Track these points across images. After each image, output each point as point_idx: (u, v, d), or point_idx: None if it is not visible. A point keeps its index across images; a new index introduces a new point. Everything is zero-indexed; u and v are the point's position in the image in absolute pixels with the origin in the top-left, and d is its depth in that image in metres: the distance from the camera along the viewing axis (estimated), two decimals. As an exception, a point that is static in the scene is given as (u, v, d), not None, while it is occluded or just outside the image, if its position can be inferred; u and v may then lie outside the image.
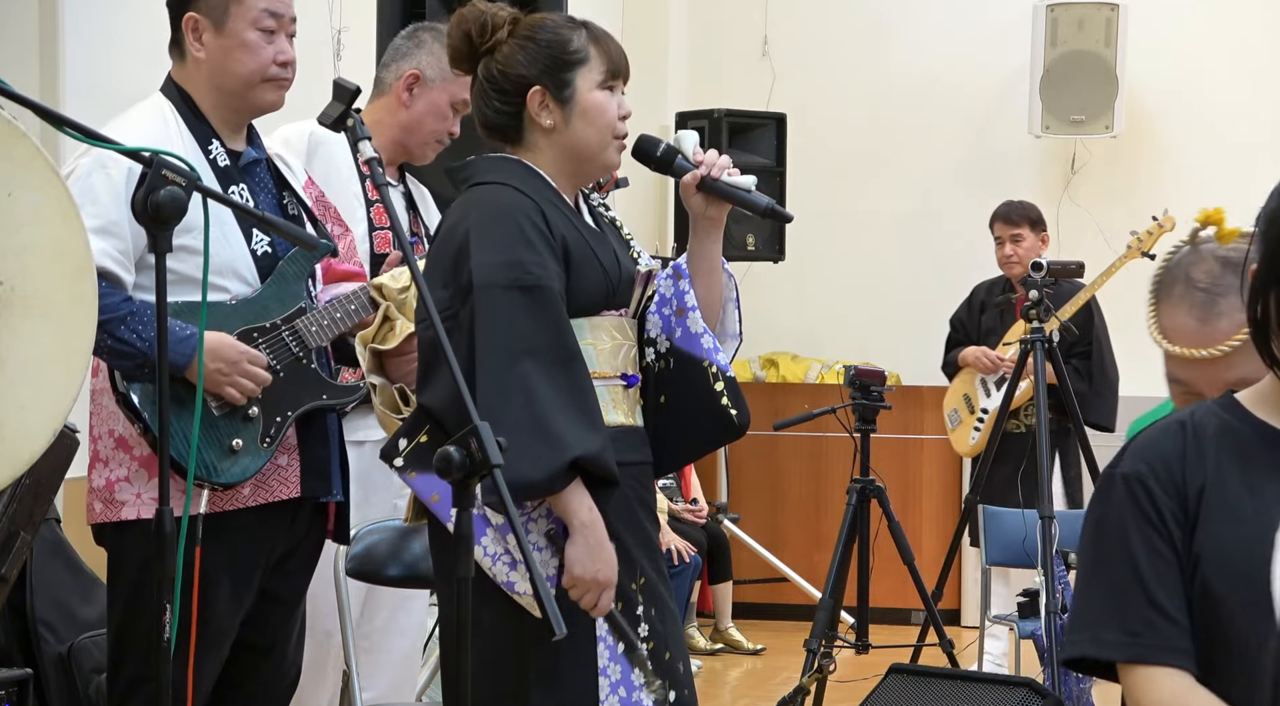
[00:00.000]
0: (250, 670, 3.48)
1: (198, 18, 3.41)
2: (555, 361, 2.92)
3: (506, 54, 3.06)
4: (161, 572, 2.79)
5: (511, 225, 2.96)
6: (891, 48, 8.92)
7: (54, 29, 4.97)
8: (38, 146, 2.63)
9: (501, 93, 3.06)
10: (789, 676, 6.81)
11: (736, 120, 8.26)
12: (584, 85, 3.05)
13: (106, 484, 3.35)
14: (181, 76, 3.47)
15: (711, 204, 3.14)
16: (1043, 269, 6.00)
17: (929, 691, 4.56)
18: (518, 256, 2.93)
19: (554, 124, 3.06)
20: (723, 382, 3.12)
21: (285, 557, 3.48)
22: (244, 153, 3.48)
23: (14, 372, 2.57)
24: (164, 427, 2.82)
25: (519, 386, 2.87)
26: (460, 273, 2.95)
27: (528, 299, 2.92)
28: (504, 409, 2.84)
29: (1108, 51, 8.43)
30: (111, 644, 3.42)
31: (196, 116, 3.43)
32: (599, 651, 2.97)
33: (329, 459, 3.50)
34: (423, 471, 2.93)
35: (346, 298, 3.49)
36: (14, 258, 2.56)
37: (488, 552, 2.92)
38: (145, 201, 2.77)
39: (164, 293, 2.81)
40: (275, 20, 3.43)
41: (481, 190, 3.05)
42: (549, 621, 2.42)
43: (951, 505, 8.23)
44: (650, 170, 3.24)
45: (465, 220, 2.99)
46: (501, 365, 2.88)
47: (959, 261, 8.16)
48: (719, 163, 3.14)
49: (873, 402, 5.51)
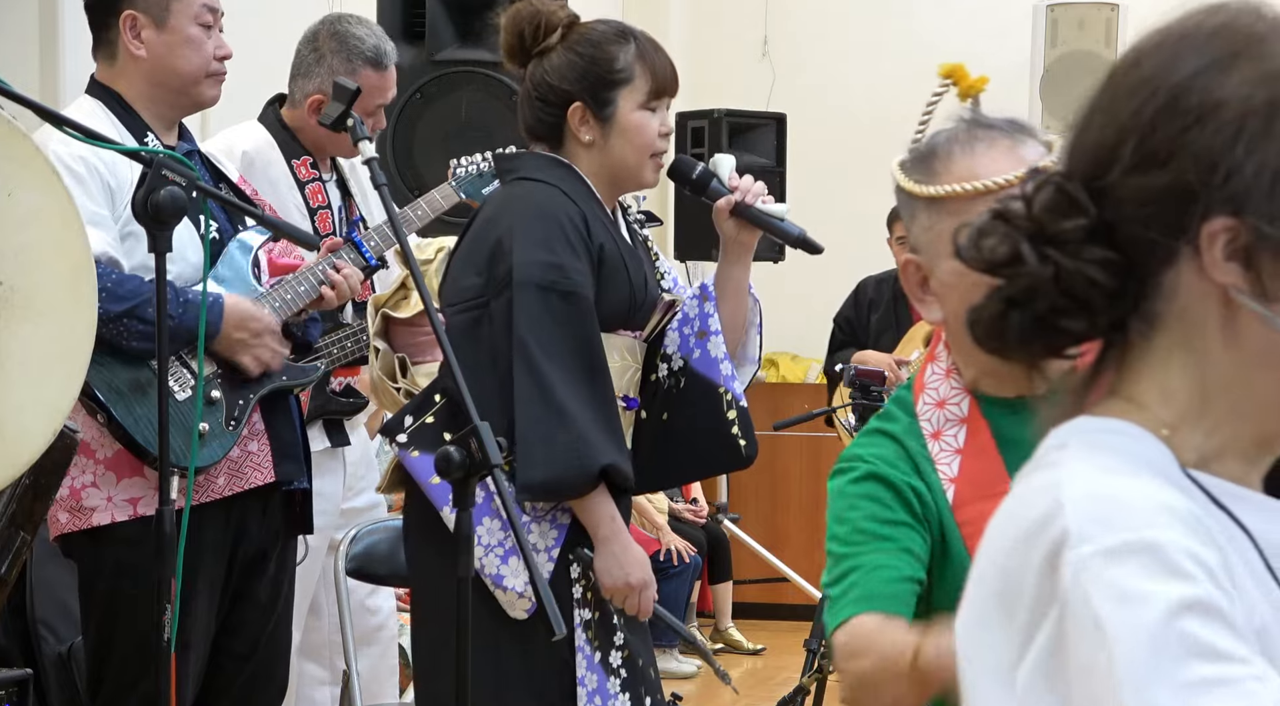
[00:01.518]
0: (235, 677, 3.45)
1: (137, 15, 3.39)
2: (586, 369, 2.93)
3: (554, 63, 3.06)
4: (161, 573, 2.78)
5: (555, 226, 2.97)
6: (891, 48, 8.92)
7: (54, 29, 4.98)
8: (38, 146, 2.63)
9: (544, 101, 3.07)
10: (789, 676, 6.81)
11: (736, 120, 8.25)
12: (626, 105, 3.06)
13: (71, 492, 3.28)
14: (109, 76, 3.44)
15: (743, 229, 3.15)
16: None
17: (929, 691, 4.56)
18: (559, 259, 2.94)
19: (593, 140, 3.07)
20: (735, 411, 3.12)
21: (261, 557, 3.44)
22: (178, 146, 3.46)
23: (14, 373, 2.57)
24: (164, 427, 2.82)
25: (551, 388, 2.88)
26: (497, 264, 2.95)
27: (564, 304, 2.93)
28: (537, 408, 2.87)
29: (1108, 51, 8.43)
30: (91, 653, 3.36)
31: (130, 113, 3.40)
32: (578, 660, 2.96)
33: (297, 441, 3.49)
34: (425, 451, 2.92)
35: (295, 279, 3.47)
36: (14, 258, 2.56)
37: (481, 542, 2.91)
38: (145, 201, 2.77)
39: (164, 292, 2.81)
40: (213, 15, 3.44)
41: (528, 186, 3.05)
42: (549, 622, 2.43)
43: (951, 505, 8.23)
44: (685, 192, 3.25)
45: (507, 213, 3.00)
46: (536, 365, 2.88)
47: (959, 261, 8.16)
48: (754, 189, 3.14)
49: (873, 402, 5.51)
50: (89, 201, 3.23)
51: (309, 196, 4.11)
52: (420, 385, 3.04)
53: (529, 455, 2.86)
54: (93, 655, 3.35)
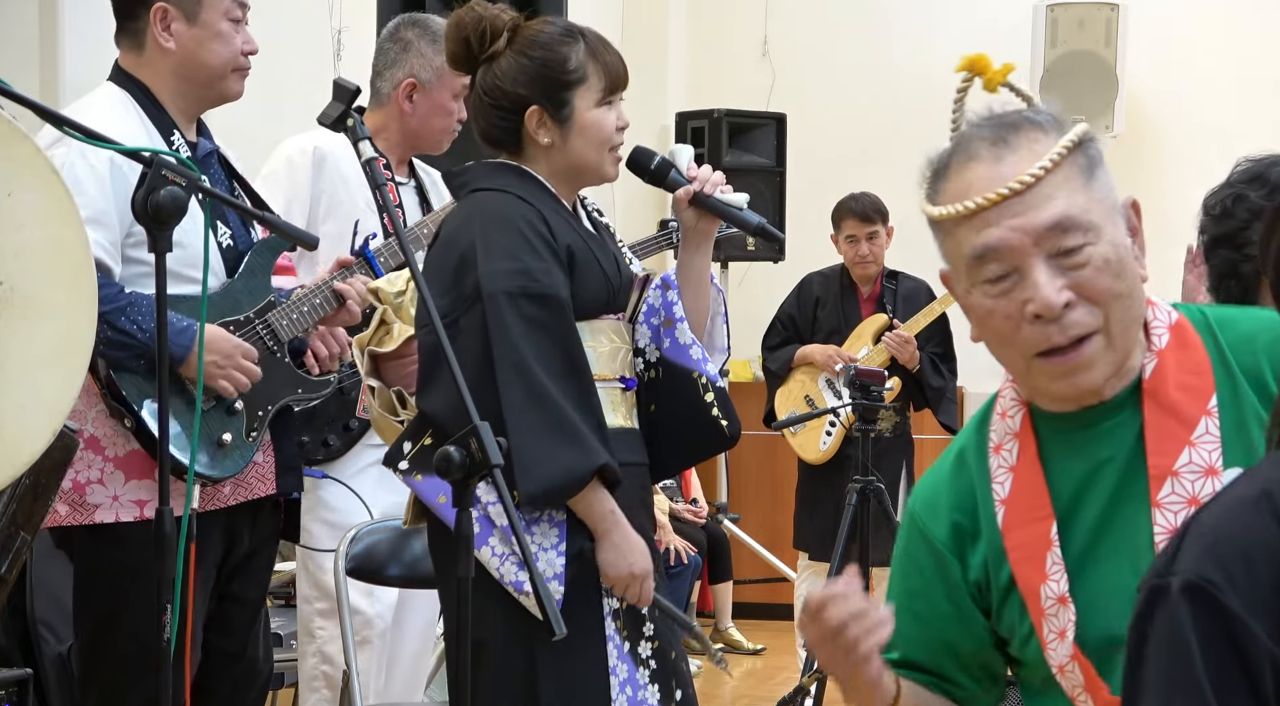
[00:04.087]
0: (222, 674, 3.46)
1: (168, 7, 3.40)
2: (568, 371, 2.93)
3: (505, 69, 3.04)
4: (162, 573, 2.78)
5: (516, 233, 2.96)
6: (891, 48, 8.92)
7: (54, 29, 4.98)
8: (38, 146, 2.63)
9: (499, 108, 3.06)
10: (789, 676, 6.82)
11: (736, 120, 8.25)
12: (582, 104, 3.05)
13: (74, 485, 3.28)
14: (135, 65, 3.44)
15: (702, 218, 3.17)
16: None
17: (929, 691, 4.55)
18: (525, 264, 2.94)
19: (552, 141, 3.06)
20: (712, 393, 3.13)
21: (247, 559, 3.47)
22: (200, 144, 3.47)
23: (14, 373, 2.57)
24: (164, 427, 2.82)
25: (539, 394, 2.88)
26: (464, 280, 2.95)
27: (537, 308, 2.92)
28: (530, 416, 2.87)
29: (1108, 51, 8.43)
30: (83, 654, 3.35)
31: (157, 108, 3.41)
32: (608, 650, 2.98)
33: (295, 455, 3.51)
34: (427, 474, 2.93)
35: (311, 292, 3.49)
36: (14, 258, 2.56)
37: (495, 552, 2.92)
38: (145, 201, 2.77)
39: (164, 292, 2.80)
40: (242, 10, 3.45)
41: (482, 197, 3.05)
42: (549, 622, 2.43)
43: (951, 505, 8.22)
44: (644, 182, 3.25)
45: (468, 227, 2.99)
46: (520, 373, 2.88)
47: (959, 261, 8.16)
48: (712, 179, 3.15)
49: (873, 402, 5.50)
50: (98, 199, 3.25)
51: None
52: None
53: (528, 466, 2.86)
54: (87, 654, 3.34)
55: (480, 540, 2.91)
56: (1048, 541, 1.89)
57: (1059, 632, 1.87)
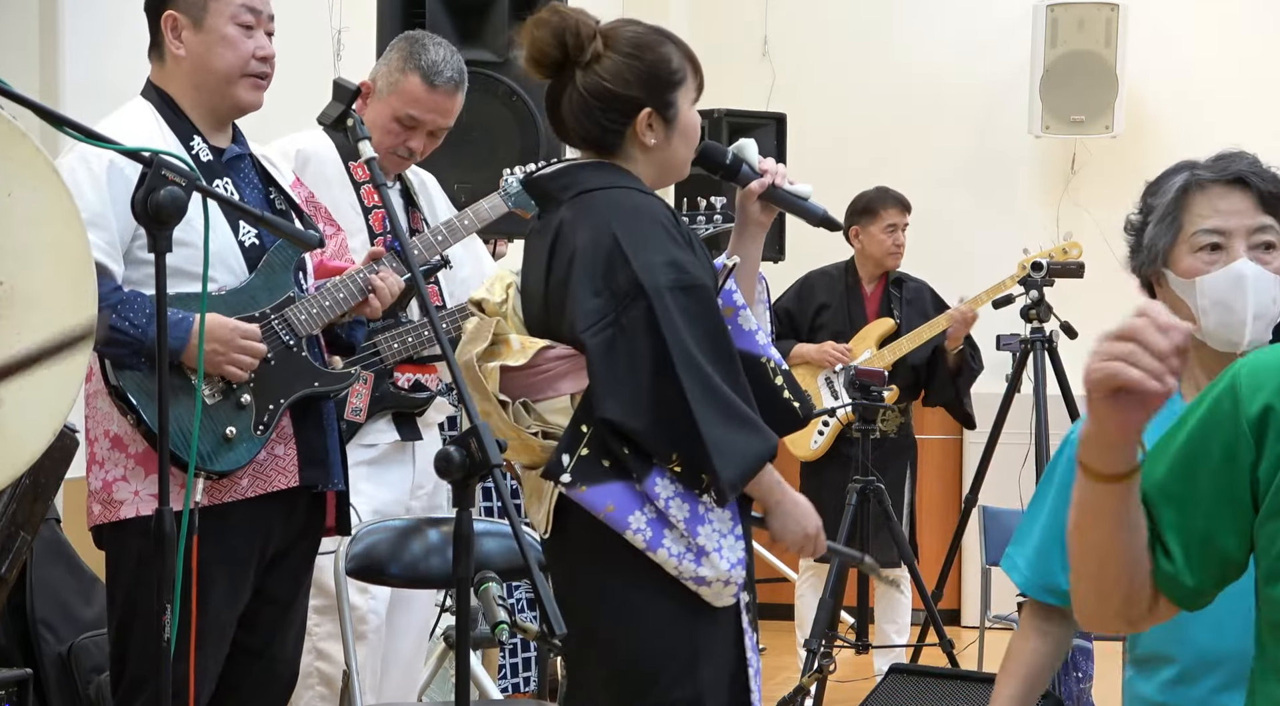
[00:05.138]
0: (244, 672, 3.46)
1: (177, 15, 3.43)
2: (727, 357, 2.97)
3: (612, 70, 3.03)
4: (161, 572, 2.78)
5: (656, 225, 2.98)
6: (891, 48, 8.92)
7: (54, 29, 4.98)
8: (38, 146, 2.63)
9: (608, 109, 3.04)
10: (789, 676, 6.82)
11: (736, 120, 8.25)
12: (684, 105, 3.10)
13: (104, 485, 3.35)
14: (161, 78, 3.48)
15: (765, 210, 3.24)
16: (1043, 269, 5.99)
17: (929, 691, 4.56)
18: (674, 256, 2.96)
19: (658, 142, 3.08)
20: (780, 377, 3.14)
21: (281, 555, 3.47)
22: (228, 148, 3.49)
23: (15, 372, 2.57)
24: (164, 425, 2.82)
25: (713, 385, 2.92)
26: (615, 277, 2.93)
27: (692, 299, 2.94)
28: (712, 407, 2.90)
29: (1108, 51, 8.43)
30: (113, 643, 3.41)
31: (178, 115, 3.44)
32: (745, 643, 3.11)
33: (326, 447, 3.49)
34: (592, 484, 2.93)
35: (335, 285, 3.49)
36: (14, 258, 2.56)
37: (672, 554, 2.94)
38: (145, 201, 2.77)
39: (164, 292, 2.81)
40: (254, 16, 3.45)
41: (608, 195, 3.03)
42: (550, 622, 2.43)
43: (951, 505, 8.22)
44: (716, 177, 3.28)
45: (607, 226, 2.97)
46: (697, 366, 2.91)
47: (959, 262, 8.16)
48: (780, 171, 3.24)
49: (873, 402, 5.50)
50: (95, 201, 3.25)
51: (364, 196, 4.17)
52: (548, 421, 3.01)
53: (725, 453, 2.90)
54: (116, 642, 3.38)
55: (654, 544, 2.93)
56: None
57: None
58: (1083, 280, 6.24)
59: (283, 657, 3.54)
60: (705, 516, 2.95)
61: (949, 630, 5.80)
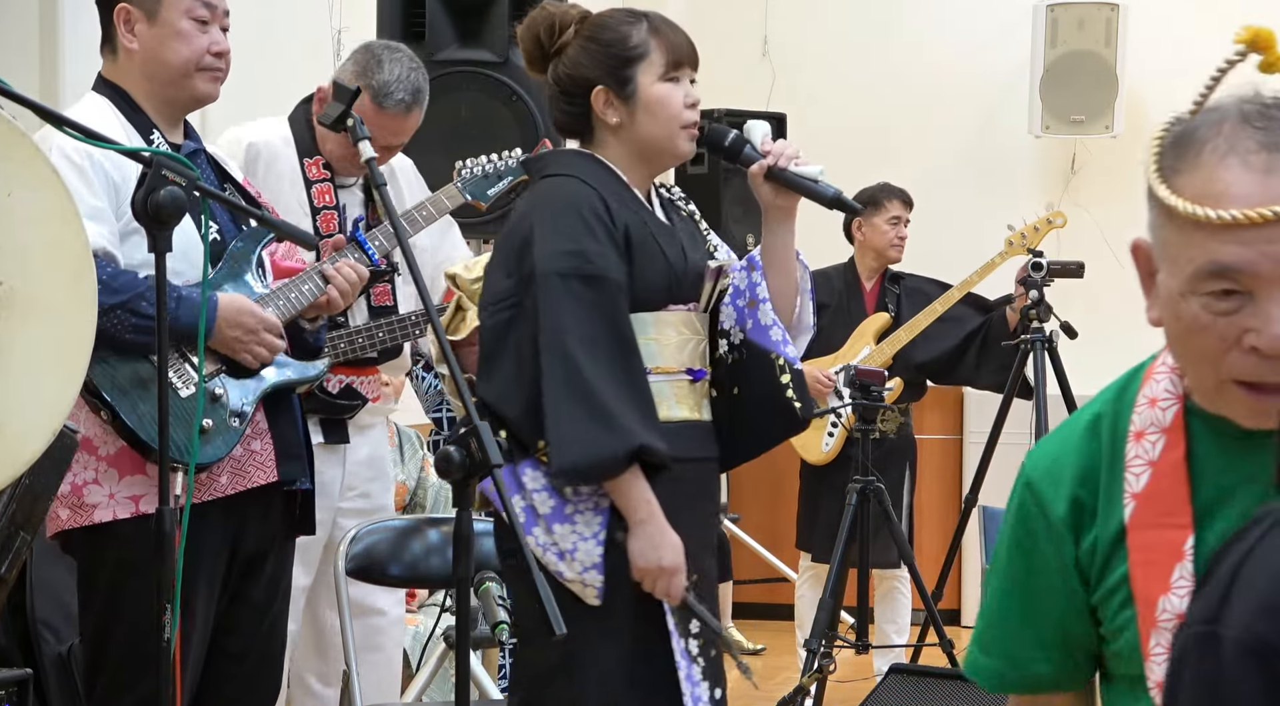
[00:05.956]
0: (226, 678, 3.42)
1: (129, 8, 3.39)
2: (615, 352, 2.95)
3: (571, 56, 3.10)
4: (161, 573, 2.77)
5: (575, 215, 2.99)
6: (892, 48, 8.92)
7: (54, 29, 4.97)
8: (38, 146, 2.63)
9: (567, 94, 3.11)
10: (789, 676, 6.81)
11: (736, 120, 8.24)
12: (645, 80, 3.09)
13: (72, 488, 3.27)
14: (113, 72, 3.44)
15: (780, 193, 3.17)
16: (1043, 269, 5.99)
17: (929, 691, 4.56)
18: (581, 246, 2.97)
19: (620, 121, 3.10)
20: (789, 375, 3.13)
21: (258, 559, 3.42)
22: (184, 144, 3.46)
23: (14, 372, 2.57)
24: (164, 425, 2.82)
25: (579, 372, 2.90)
26: (524, 262, 2.98)
27: (587, 288, 2.95)
28: (566, 393, 2.89)
29: (1108, 51, 8.43)
30: (87, 655, 3.34)
31: (134, 109, 3.40)
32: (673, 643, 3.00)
33: (300, 442, 3.48)
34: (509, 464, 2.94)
35: (300, 278, 3.46)
36: (14, 258, 2.56)
37: (539, 542, 2.94)
38: (145, 201, 2.77)
39: (164, 292, 2.80)
40: (209, 11, 3.41)
41: (548, 182, 3.09)
42: (549, 621, 2.43)
43: (951, 505, 8.22)
44: (720, 160, 3.29)
45: (531, 211, 3.04)
46: (563, 351, 2.91)
47: (959, 261, 8.15)
48: (786, 152, 3.16)
49: (873, 402, 5.50)
50: (89, 195, 3.22)
51: (314, 196, 4.12)
52: None
53: (561, 439, 2.88)
54: (90, 653, 3.32)
55: (527, 528, 2.93)
56: (1180, 553, 1.72)
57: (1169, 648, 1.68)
58: (1083, 280, 6.24)
59: (267, 662, 3.50)
60: (571, 516, 2.94)
61: (949, 630, 5.79)
